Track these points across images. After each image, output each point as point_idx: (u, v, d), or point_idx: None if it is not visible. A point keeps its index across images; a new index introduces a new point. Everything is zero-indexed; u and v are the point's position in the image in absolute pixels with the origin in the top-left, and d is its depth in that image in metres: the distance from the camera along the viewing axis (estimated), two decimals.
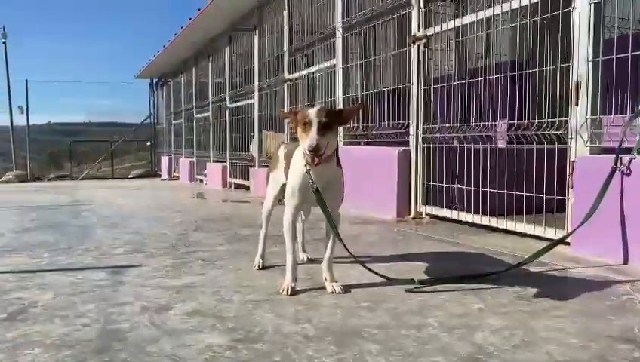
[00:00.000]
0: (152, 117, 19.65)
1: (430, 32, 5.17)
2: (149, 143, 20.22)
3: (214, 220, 5.64)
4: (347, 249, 2.77)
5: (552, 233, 3.84)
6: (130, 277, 3.20)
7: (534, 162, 4.09)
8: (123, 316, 2.44)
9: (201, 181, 13.00)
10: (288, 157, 3.02)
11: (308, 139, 2.51)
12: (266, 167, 9.46)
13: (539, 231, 3.96)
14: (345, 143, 6.60)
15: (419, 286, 2.82)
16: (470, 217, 4.70)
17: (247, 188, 9.88)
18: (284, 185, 3.11)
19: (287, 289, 2.74)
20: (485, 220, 4.52)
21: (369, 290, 2.81)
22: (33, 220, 5.96)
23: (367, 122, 6.21)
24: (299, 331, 2.21)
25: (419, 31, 5.24)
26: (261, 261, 3.36)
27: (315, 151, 2.48)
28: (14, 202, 8.55)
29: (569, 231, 3.53)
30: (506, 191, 4.38)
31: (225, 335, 2.17)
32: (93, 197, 9.41)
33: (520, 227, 4.15)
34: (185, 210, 6.67)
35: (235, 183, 10.81)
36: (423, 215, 5.33)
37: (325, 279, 2.83)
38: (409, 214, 5.40)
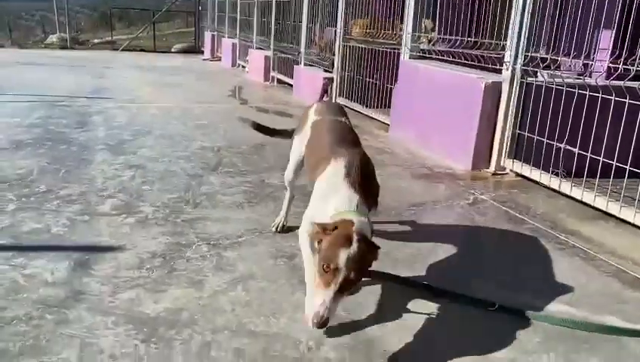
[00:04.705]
0: None
1: None
2: None
3: (241, 148, 4.56)
4: None
5: None
6: (96, 280, 2.24)
7: None
8: None
9: (244, 67, 11.76)
10: (315, 127, 2.46)
11: (317, 303, 1.65)
12: (312, 65, 8.28)
13: None
14: (412, 57, 5.23)
15: None
16: (578, 193, 3.46)
17: (291, 86, 8.66)
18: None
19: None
20: (600, 202, 3.28)
21: None
22: (33, 126, 5.03)
23: (444, 31, 4.78)
24: None
25: None
26: (281, 223, 2.87)
27: (320, 326, 1.64)
28: (31, 87, 7.64)
29: None
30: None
31: None
32: (119, 84, 8.41)
33: None
34: (212, 124, 5.58)
35: (277, 78, 9.56)
36: (507, 171, 4.11)
37: None
38: (488, 167, 4.18)
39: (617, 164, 3.22)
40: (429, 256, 2.65)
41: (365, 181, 1.96)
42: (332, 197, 1.90)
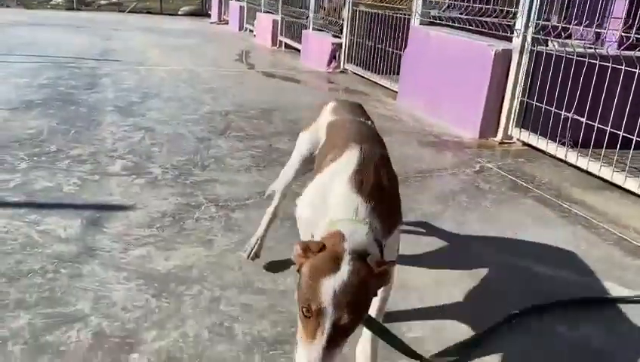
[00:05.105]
0: None
1: None
2: None
3: (249, 113, 4.57)
4: None
5: None
6: (108, 238, 2.30)
7: None
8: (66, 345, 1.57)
9: (251, 31, 11.65)
10: (331, 128, 1.91)
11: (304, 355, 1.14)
12: (321, 30, 8.20)
13: None
14: (422, 23, 5.18)
15: None
16: (583, 163, 3.47)
17: (299, 51, 8.60)
18: (312, 158, 2.00)
19: None
20: (606, 173, 3.30)
21: None
22: (43, 86, 5.05)
23: None
24: None
25: None
26: (255, 247, 2.18)
27: None
28: (39, 46, 7.63)
29: None
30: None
31: None
32: (127, 46, 8.38)
33: None
34: (220, 88, 5.59)
35: (285, 43, 9.48)
36: (514, 140, 4.12)
37: None
38: (495, 136, 4.19)
39: (624, 134, 3.22)
40: (434, 221, 2.69)
41: (379, 188, 1.43)
42: (328, 201, 1.41)
